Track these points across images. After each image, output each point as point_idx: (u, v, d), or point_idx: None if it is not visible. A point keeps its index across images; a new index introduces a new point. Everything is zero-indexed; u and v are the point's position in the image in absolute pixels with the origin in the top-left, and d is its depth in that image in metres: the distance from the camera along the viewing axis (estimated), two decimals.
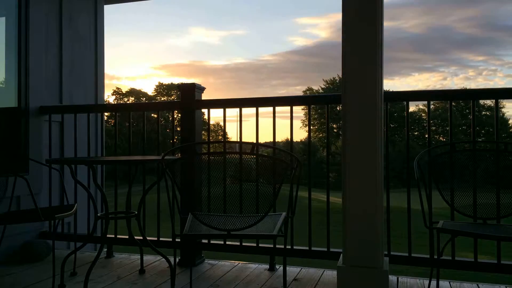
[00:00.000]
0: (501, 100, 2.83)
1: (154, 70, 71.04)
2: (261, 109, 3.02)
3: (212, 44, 68.14)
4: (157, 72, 70.04)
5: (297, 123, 45.33)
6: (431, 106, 2.87)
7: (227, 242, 3.06)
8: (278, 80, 62.64)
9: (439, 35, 45.85)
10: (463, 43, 44.34)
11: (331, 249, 2.81)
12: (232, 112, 3.18)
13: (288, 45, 64.54)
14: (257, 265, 3.02)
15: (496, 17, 40.21)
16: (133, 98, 46.37)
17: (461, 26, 43.16)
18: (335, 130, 33.61)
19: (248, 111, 3.13)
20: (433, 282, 2.41)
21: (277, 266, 2.94)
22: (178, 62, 70.80)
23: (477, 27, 41.52)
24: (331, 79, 48.45)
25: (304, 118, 44.91)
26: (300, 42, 61.18)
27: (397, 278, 2.68)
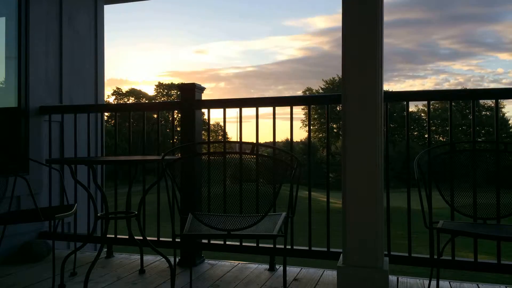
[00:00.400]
0: (501, 100, 2.83)
1: (169, 76, 72.52)
2: (261, 111, 3.02)
3: (229, 56, 72.77)
4: (172, 79, 72.05)
5: (297, 123, 46.22)
6: (431, 106, 2.87)
7: (227, 242, 3.06)
8: (284, 85, 67.94)
9: (427, 50, 52.65)
10: (448, 56, 51.55)
11: (331, 249, 2.81)
12: (232, 114, 3.18)
13: (294, 56, 69.01)
14: (257, 265, 3.02)
15: (475, 35, 47.57)
16: (133, 98, 46.39)
17: (445, 43, 50.56)
18: (335, 130, 33.63)
19: (249, 113, 3.13)
20: (433, 282, 2.41)
21: (277, 266, 2.94)
22: (194, 70, 73.46)
23: (459, 43, 49.10)
24: (331, 79, 48.58)
25: (304, 118, 45.01)
26: (304, 54, 66.29)
27: (397, 278, 2.68)
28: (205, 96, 3.23)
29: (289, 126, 2.97)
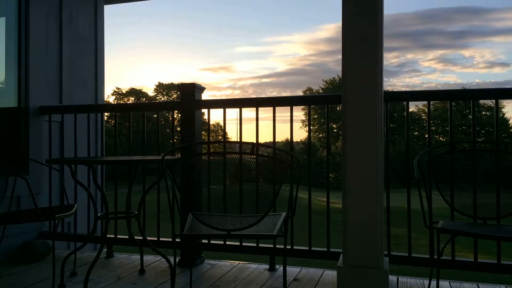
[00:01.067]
0: (501, 100, 2.83)
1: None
2: (261, 114, 3.02)
3: (248, 71, 76.26)
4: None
5: (297, 124, 46.86)
6: (431, 106, 2.87)
7: (227, 242, 3.06)
8: (291, 93, 73.46)
9: (411, 68, 62.67)
10: (431, 71, 61.62)
11: (331, 249, 2.81)
12: (232, 116, 3.18)
13: (302, 70, 72.79)
14: (257, 265, 3.02)
15: (449, 58, 59.93)
16: (133, 98, 46.40)
17: (425, 63, 61.90)
18: (335, 130, 33.61)
19: (249, 115, 3.13)
20: (433, 282, 2.41)
21: (277, 266, 2.94)
22: (217, 81, 75.94)
23: (437, 63, 60.65)
24: (331, 79, 48.62)
25: (304, 118, 45.03)
26: (311, 69, 70.74)
27: (397, 278, 2.68)
28: None
29: (289, 127, 2.98)
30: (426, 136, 9.10)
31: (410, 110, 2.82)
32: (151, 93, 49.52)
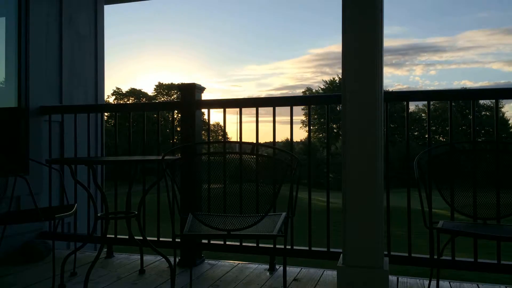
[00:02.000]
0: (501, 100, 2.83)
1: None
2: (261, 116, 3.02)
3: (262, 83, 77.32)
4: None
5: (297, 124, 46.99)
6: (431, 106, 2.87)
7: (227, 242, 3.06)
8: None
9: (396, 83, 65.86)
10: (415, 83, 65.32)
11: (331, 249, 2.81)
12: (232, 118, 3.18)
13: (311, 83, 74.75)
14: (257, 265, 3.02)
15: (428, 77, 64.83)
16: (133, 98, 46.39)
17: (410, 78, 65.51)
18: (335, 130, 33.61)
19: (249, 119, 3.13)
20: (433, 282, 2.41)
21: (277, 266, 2.94)
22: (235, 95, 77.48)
23: (421, 79, 65.46)
24: (331, 79, 48.67)
25: (304, 118, 45.04)
26: (318, 83, 73.87)
27: (397, 278, 2.68)
28: None
29: (289, 127, 2.98)
30: (426, 136, 9.09)
31: (410, 110, 2.82)
32: (151, 93, 49.55)
